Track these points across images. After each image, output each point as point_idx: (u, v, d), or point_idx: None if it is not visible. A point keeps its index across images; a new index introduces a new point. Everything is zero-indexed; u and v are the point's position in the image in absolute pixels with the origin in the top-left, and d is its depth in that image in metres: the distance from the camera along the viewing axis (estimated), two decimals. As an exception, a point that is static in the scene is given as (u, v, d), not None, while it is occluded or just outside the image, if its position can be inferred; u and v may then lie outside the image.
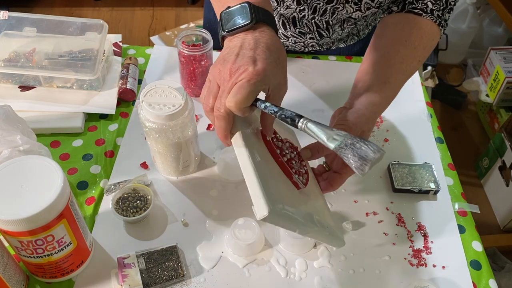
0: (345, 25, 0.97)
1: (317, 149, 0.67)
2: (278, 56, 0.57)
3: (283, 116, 0.54)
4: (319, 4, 0.90)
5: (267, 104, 0.55)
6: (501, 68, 1.82)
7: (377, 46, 0.75)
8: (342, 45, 1.05)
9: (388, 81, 0.71)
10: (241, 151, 0.55)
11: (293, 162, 0.65)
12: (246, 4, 0.59)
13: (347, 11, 0.90)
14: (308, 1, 0.91)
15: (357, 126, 0.66)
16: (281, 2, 0.93)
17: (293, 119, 0.54)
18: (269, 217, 0.50)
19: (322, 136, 0.52)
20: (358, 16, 0.91)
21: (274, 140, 0.65)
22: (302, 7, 0.92)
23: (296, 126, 0.54)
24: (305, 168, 0.67)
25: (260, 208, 0.50)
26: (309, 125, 0.53)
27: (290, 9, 0.93)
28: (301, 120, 0.53)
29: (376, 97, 0.69)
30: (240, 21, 0.58)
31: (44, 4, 2.70)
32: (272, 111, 0.55)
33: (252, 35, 0.57)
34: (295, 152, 0.67)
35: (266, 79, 0.54)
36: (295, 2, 0.92)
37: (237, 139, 0.56)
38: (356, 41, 1.05)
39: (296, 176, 0.63)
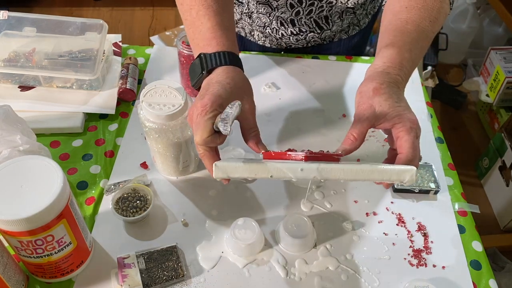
0: (344, 16, 0.97)
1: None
2: (228, 82, 0.62)
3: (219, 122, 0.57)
4: (313, 4, 0.90)
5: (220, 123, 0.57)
6: (501, 68, 1.82)
7: (381, 26, 0.72)
8: (344, 36, 1.05)
9: (390, 43, 0.66)
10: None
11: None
12: (197, 58, 0.66)
13: (341, 1, 0.89)
14: (302, 5, 0.91)
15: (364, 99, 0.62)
16: (275, 9, 0.94)
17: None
18: (218, 168, 0.55)
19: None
20: (355, 4, 0.91)
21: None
22: (297, 10, 0.92)
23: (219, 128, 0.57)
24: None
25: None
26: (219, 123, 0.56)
27: (285, 14, 0.94)
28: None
29: (378, 60, 0.65)
30: (196, 75, 0.66)
31: (44, 4, 2.70)
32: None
33: (210, 78, 0.64)
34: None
35: (217, 105, 0.59)
36: (288, 6, 0.92)
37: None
38: (357, 31, 1.05)
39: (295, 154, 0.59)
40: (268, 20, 0.98)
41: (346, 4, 0.91)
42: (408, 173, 0.55)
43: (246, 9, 0.98)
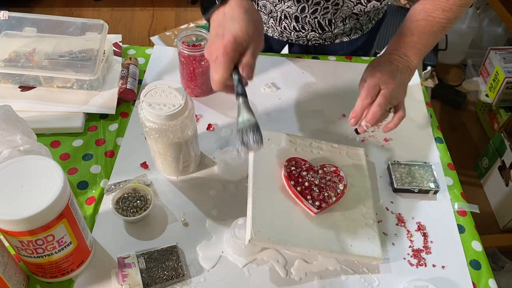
0: (347, 21, 0.97)
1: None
2: (242, 18, 0.64)
3: (236, 89, 0.65)
4: (319, 3, 0.90)
5: (235, 77, 0.65)
6: (500, 68, 1.82)
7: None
8: (345, 39, 1.05)
9: (401, 31, 0.80)
10: (249, 190, 0.68)
11: (314, 188, 0.71)
12: None
13: (348, 6, 0.89)
14: (308, 2, 0.91)
15: (372, 73, 0.76)
16: (282, 1, 0.94)
17: (237, 94, 0.64)
18: (252, 242, 0.63)
19: (238, 114, 0.63)
20: (361, 11, 0.91)
21: (293, 171, 0.73)
22: (302, 5, 0.92)
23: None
24: (331, 193, 0.71)
25: (247, 235, 0.64)
26: (240, 101, 0.64)
27: (291, 9, 0.94)
28: (239, 97, 0.64)
29: (389, 45, 0.79)
30: (210, 6, 0.67)
31: (44, 4, 2.70)
32: (235, 82, 0.65)
33: (223, 11, 0.65)
34: (323, 181, 0.73)
35: (237, 45, 0.63)
36: (295, 1, 0.92)
37: (249, 181, 0.69)
38: (359, 35, 1.05)
39: (311, 202, 0.69)
40: (274, 9, 0.98)
41: (352, 9, 0.91)
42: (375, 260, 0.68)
43: None
